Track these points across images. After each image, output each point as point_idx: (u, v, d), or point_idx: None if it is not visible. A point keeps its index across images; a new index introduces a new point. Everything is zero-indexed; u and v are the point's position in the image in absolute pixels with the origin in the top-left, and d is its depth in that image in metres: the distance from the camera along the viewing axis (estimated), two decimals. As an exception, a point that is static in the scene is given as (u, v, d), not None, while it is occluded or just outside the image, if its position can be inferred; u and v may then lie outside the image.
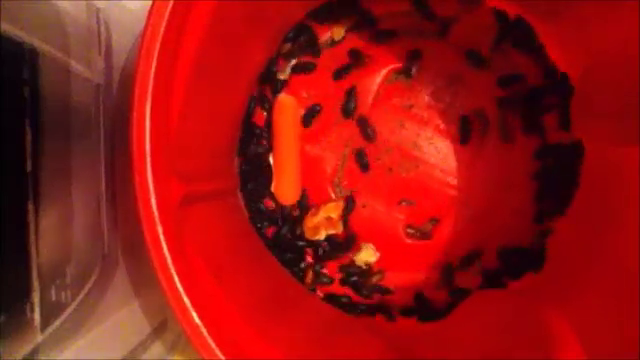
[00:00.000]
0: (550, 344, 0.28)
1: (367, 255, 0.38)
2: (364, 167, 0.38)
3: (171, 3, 0.22)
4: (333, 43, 0.38)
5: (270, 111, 0.37)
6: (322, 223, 0.37)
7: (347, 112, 0.38)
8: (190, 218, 0.25)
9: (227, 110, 0.34)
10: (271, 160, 0.38)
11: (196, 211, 0.27)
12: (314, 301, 0.37)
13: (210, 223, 0.30)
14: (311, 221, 0.37)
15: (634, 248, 0.28)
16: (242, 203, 0.37)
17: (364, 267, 0.38)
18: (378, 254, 0.38)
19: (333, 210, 0.37)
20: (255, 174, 0.37)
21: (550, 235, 0.37)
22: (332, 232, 0.37)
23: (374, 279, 0.38)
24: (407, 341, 0.35)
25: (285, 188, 0.38)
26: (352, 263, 0.38)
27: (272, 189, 0.38)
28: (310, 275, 0.38)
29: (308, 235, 0.37)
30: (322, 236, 0.37)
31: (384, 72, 0.38)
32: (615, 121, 0.32)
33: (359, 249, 0.38)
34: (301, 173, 0.38)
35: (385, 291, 0.38)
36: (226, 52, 0.29)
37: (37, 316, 0.19)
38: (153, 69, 0.22)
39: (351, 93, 0.37)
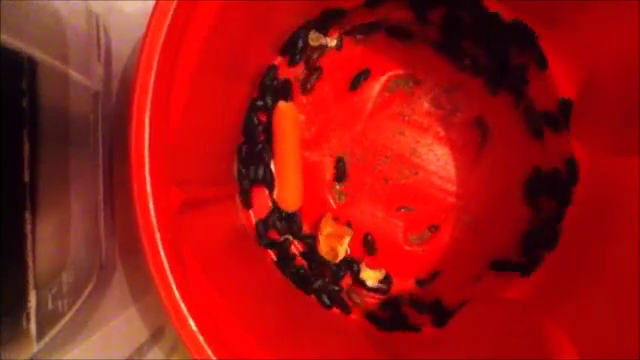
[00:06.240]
0: (547, 352, 0.28)
1: (373, 276, 0.38)
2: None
3: (171, 11, 0.22)
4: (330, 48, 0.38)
5: (270, 117, 0.37)
6: (330, 242, 0.36)
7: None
8: (188, 225, 0.25)
9: (226, 117, 0.34)
10: (272, 167, 0.37)
11: (194, 218, 0.27)
12: (315, 308, 0.37)
13: (208, 230, 0.30)
14: (320, 247, 0.36)
15: (632, 258, 0.28)
16: (240, 208, 0.37)
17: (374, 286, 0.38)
18: (383, 272, 0.38)
19: (325, 226, 0.36)
20: (255, 181, 0.37)
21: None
22: (347, 240, 0.36)
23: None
24: (404, 348, 0.35)
25: (287, 195, 0.37)
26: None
27: (274, 196, 0.37)
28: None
29: (329, 259, 0.36)
30: (344, 251, 0.37)
31: (384, 79, 0.38)
32: (615, 130, 0.32)
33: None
34: (303, 179, 0.37)
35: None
36: (226, 60, 0.29)
37: (33, 326, 0.19)
38: (152, 76, 0.22)
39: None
